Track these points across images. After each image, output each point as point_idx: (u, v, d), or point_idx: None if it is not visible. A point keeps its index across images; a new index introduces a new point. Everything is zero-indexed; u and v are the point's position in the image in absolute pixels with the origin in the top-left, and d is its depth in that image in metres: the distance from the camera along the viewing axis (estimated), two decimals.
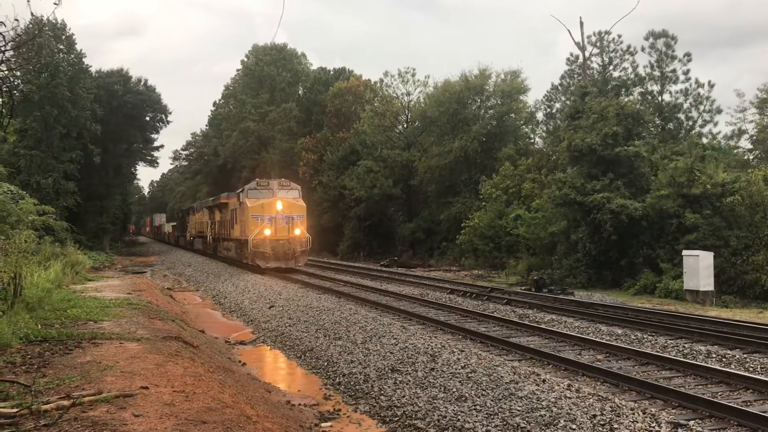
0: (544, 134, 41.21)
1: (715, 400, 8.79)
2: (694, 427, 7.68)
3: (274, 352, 15.00)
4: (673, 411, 8.62)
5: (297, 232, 30.48)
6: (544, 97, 40.09)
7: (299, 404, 10.34)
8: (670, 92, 32.08)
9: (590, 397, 8.87)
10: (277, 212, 30.17)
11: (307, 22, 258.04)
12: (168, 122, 58.23)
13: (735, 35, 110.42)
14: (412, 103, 48.26)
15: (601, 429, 7.75)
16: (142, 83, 54.83)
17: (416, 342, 12.87)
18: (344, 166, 48.53)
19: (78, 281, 21.18)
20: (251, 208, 30.24)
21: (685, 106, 31.86)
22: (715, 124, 32.15)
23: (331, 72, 65.29)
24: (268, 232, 29.98)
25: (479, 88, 42.07)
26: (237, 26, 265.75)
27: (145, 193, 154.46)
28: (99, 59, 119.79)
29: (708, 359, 11.72)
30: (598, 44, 34.50)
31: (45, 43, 32.60)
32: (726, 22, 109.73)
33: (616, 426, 7.76)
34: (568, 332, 14.29)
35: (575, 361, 11.29)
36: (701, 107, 31.60)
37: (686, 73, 31.51)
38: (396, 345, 12.88)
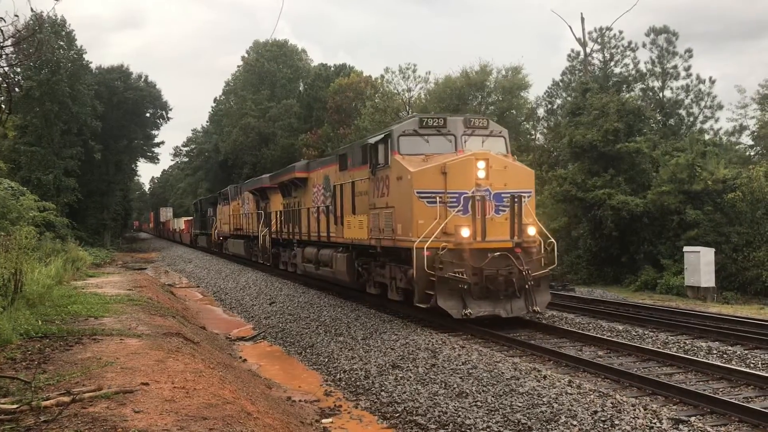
0: (545, 130, 41.16)
1: (717, 396, 8.77)
2: (695, 423, 7.66)
3: (275, 348, 15.00)
4: (675, 407, 8.60)
5: (531, 231, 14.01)
6: (545, 93, 40.10)
7: (300, 400, 10.33)
8: (671, 88, 32.09)
9: (591, 393, 8.85)
10: (479, 185, 13.29)
11: (311, 16, 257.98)
12: (168, 118, 58.43)
13: (751, 28, 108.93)
14: (413, 99, 48.13)
15: (602, 425, 7.73)
16: (142, 79, 54.91)
17: (417, 338, 12.85)
18: None
19: (79, 277, 21.19)
20: (416, 176, 13.42)
21: (686, 102, 31.84)
22: (716, 121, 32.22)
23: (332, 68, 65.26)
24: (466, 232, 13.06)
25: (480, 84, 41.91)
26: (239, 20, 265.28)
27: (146, 190, 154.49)
28: (99, 52, 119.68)
29: (709, 355, 11.70)
30: (599, 40, 34.46)
31: (45, 39, 32.58)
32: (741, 14, 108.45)
33: (617, 422, 7.74)
34: (568, 328, 14.27)
35: (576, 357, 11.26)
36: (702, 103, 31.61)
37: (687, 69, 31.52)
38: (397, 341, 12.86)
